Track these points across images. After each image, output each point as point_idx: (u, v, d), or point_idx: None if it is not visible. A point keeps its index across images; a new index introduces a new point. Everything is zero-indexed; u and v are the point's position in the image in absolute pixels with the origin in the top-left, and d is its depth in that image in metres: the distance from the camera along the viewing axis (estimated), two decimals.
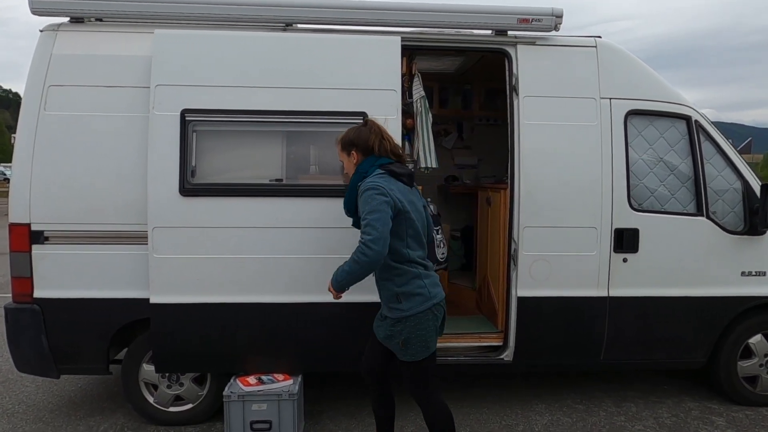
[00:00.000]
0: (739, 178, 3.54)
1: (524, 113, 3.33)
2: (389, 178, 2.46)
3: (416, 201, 2.56)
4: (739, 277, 3.51)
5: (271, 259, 3.12)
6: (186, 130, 3.06)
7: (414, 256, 2.47)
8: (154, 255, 3.06)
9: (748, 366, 3.65)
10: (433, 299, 2.46)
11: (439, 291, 2.52)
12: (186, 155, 3.06)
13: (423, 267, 2.51)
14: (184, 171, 3.05)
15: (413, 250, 2.48)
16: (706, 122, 3.55)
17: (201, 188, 3.09)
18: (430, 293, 2.46)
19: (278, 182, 3.15)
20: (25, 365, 3.25)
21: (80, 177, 3.10)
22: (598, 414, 3.61)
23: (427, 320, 2.45)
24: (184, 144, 3.05)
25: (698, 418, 3.56)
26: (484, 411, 3.63)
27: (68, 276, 3.13)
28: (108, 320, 3.18)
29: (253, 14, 3.23)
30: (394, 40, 3.22)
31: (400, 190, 2.45)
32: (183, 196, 3.06)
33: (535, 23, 3.32)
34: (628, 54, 3.51)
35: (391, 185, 2.42)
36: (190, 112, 3.07)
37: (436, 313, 2.49)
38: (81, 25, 3.25)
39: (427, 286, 2.47)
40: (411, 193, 2.54)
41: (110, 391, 3.89)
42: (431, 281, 2.51)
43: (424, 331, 2.44)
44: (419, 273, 2.47)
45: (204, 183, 3.10)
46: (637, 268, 3.41)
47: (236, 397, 3.05)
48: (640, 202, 3.43)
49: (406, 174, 2.52)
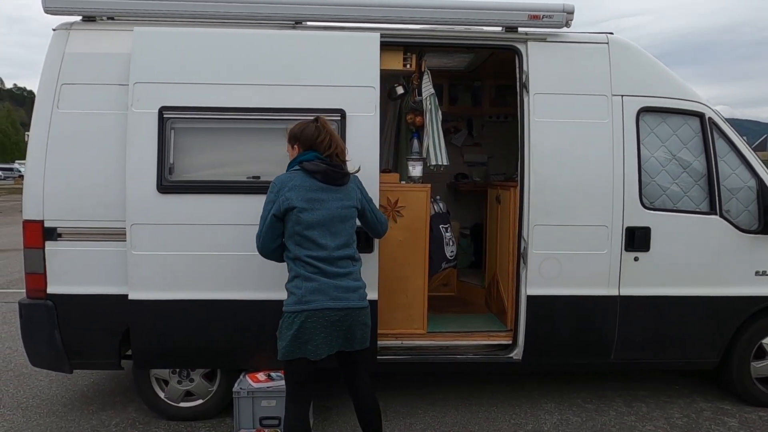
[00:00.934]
0: (754, 176, 3.48)
1: (535, 110, 3.31)
2: (299, 174, 2.47)
3: (329, 199, 2.46)
4: (753, 277, 3.46)
5: (248, 256, 3.06)
6: (164, 128, 3.06)
7: (301, 254, 2.42)
8: (133, 252, 3.07)
9: (761, 367, 3.60)
10: (303, 305, 2.37)
11: (320, 299, 2.37)
12: (164, 153, 3.06)
13: (313, 268, 2.41)
14: (161, 168, 3.06)
15: (305, 249, 2.42)
16: (720, 119, 3.50)
17: (178, 185, 3.09)
18: (302, 299, 2.38)
19: (256, 179, 3.13)
20: (39, 360, 3.30)
21: (93, 174, 3.13)
22: (608, 413, 3.59)
23: (292, 322, 2.37)
24: (161, 141, 3.05)
25: (710, 419, 3.52)
26: (493, 410, 3.62)
27: (81, 272, 3.16)
28: (120, 316, 3.21)
29: (266, 12, 3.22)
30: (372, 36, 3.20)
31: (307, 187, 2.43)
32: (161, 193, 3.06)
33: (545, 19, 3.29)
34: (640, 50, 3.47)
35: (296, 181, 2.43)
36: (168, 109, 3.06)
37: (306, 322, 2.36)
38: (93, 23, 3.27)
39: (303, 289, 2.39)
40: (325, 190, 2.46)
41: (122, 386, 3.94)
42: (315, 286, 2.39)
43: (286, 332, 2.39)
44: (301, 273, 2.41)
45: (181, 180, 3.10)
46: (648, 267, 3.37)
47: (246, 393, 3.07)
48: (651, 201, 3.39)
49: (320, 171, 2.45)
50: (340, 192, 2.50)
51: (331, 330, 2.41)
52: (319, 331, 2.39)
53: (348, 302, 2.43)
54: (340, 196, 2.50)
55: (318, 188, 2.45)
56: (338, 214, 2.47)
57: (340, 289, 2.42)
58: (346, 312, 2.42)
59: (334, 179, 2.48)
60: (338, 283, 2.43)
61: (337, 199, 2.48)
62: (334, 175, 2.48)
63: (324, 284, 2.40)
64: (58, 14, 3.24)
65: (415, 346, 3.50)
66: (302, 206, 2.40)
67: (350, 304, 2.44)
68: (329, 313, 2.39)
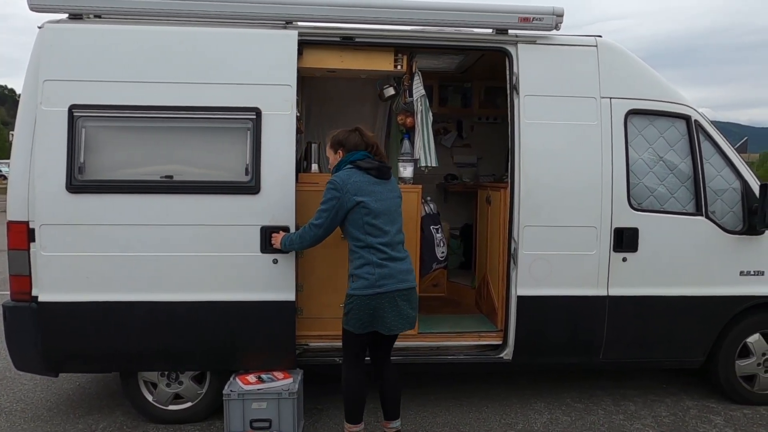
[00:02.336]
0: (738, 178, 3.54)
1: (524, 112, 3.33)
2: (355, 172, 2.77)
3: (384, 191, 2.80)
4: (738, 277, 3.52)
5: (162, 256, 3.06)
6: (74, 126, 2.99)
7: (373, 242, 2.73)
8: (42, 252, 3.00)
9: (746, 365, 3.66)
10: (377, 288, 2.70)
11: (390, 283, 2.71)
12: (73, 151, 2.99)
13: (384, 255, 2.72)
14: (71, 167, 2.98)
15: (373, 236, 2.73)
16: (706, 122, 3.56)
17: (89, 185, 3.02)
18: (376, 283, 2.70)
19: (168, 179, 3.07)
20: (23, 363, 3.23)
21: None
22: (597, 413, 3.62)
23: (366, 303, 2.70)
24: (71, 140, 2.98)
25: (697, 417, 3.57)
26: (484, 410, 3.63)
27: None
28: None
29: (256, 11, 3.20)
30: (290, 34, 3.18)
31: (365, 182, 2.74)
32: (70, 193, 2.99)
33: (535, 22, 3.31)
34: (628, 53, 3.51)
35: (354, 178, 2.74)
36: (78, 107, 2.99)
37: (378, 302, 2.70)
38: (80, 21, 3.22)
39: (377, 275, 2.70)
40: (379, 184, 2.79)
41: (109, 389, 3.88)
42: (385, 272, 2.71)
43: (358, 311, 2.72)
44: (372, 260, 2.71)
45: (92, 180, 3.02)
46: (636, 267, 3.42)
47: (236, 395, 3.05)
48: (639, 202, 3.44)
49: (374, 168, 2.79)
50: (388, 184, 2.85)
51: (400, 307, 2.75)
52: (390, 309, 2.72)
53: (410, 283, 2.80)
54: (389, 187, 2.85)
55: (373, 182, 2.78)
56: (392, 203, 2.84)
57: (403, 272, 2.78)
58: (409, 291, 2.79)
59: (384, 173, 2.83)
60: (401, 267, 2.78)
61: (388, 191, 2.83)
62: (384, 170, 2.84)
63: (393, 269, 2.74)
64: (44, 12, 3.18)
65: (406, 347, 3.50)
66: (368, 199, 2.72)
67: (411, 284, 2.81)
68: (398, 294, 2.74)
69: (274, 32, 3.19)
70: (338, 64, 3.46)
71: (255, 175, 3.08)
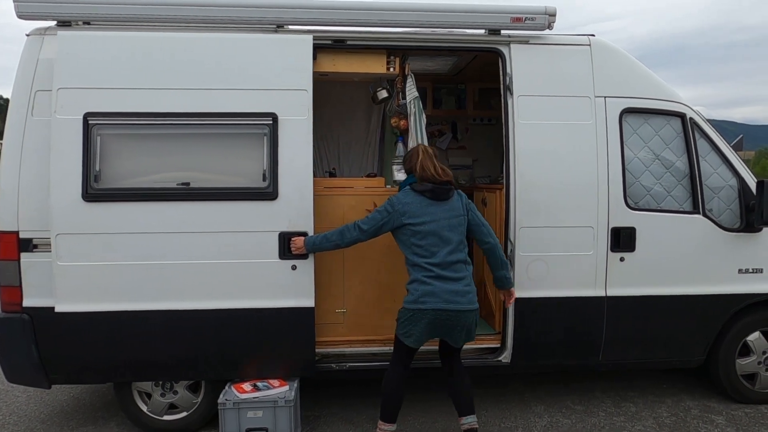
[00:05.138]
0: (735, 175, 3.53)
1: (519, 113, 3.31)
2: (410, 193, 2.90)
3: (438, 212, 2.86)
4: (736, 275, 3.49)
5: (179, 264, 3.03)
6: (89, 134, 2.96)
7: (420, 261, 2.82)
8: (58, 263, 2.96)
9: (746, 364, 3.63)
10: (419, 305, 2.79)
11: (433, 301, 2.78)
12: (89, 160, 2.95)
13: (429, 272, 2.80)
14: (87, 176, 2.95)
15: (422, 257, 2.82)
16: (701, 119, 3.54)
17: (105, 193, 2.98)
18: (418, 299, 2.79)
19: (185, 186, 3.05)
20: (16, 376, 3.19)
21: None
22: (598, 414, 3.59)
23: (410, 316, 2.82)
24: (87, 148, 2.95)
25: (698, 417, 3.54)
26: (483, 413, 3.59)
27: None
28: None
29: (245, 15, 3.18)
30: (305, 39, 3.16)
31: (418, 203, 2.86)
32: (86, 202, 2.96)
33: (528, 22, 3.30)
34: (622, 52, 3.49)
35: (407, 199, 2.87)
36: (93, 115, 2.96)
37: (421, 318, 2.79)
38: (68, 29, 3.19)
39: (423, 293, 2.79)
40: (434, 205, 2.87)
41: (104, 400, 3.83)
42: (428, 289, 2.79)
43: (405, 322, 2.86)
44: (419, 278, 2.82)
45: (108, 188, 2.99)
46: (634, 267, 3.39)
47: (231, 404, 3.00)
48: (636, 201, 3.41)
49: (427, 190, 2.88)
50: (445, 204, 2.90)
51: (437, 325, 2.82)
52: (426, 326, 2.81)
53: (457, 305, 2.80)
54: (446, 208, 2.89)
55: (428, 203, 2.87)
56: (447, 224, 2.86)
57: (451, 293, 2.79)
58: (455, 313, 2.80)
59: (438, 194, 2.88)
60: (450, 287, 2.80)
61: (443, 211, 2.88)
62: (439, 191, 2.89)
63: (438, 288, 2.79)
64: (32, 19, 3.15)
65: None
66: (415, 221, 2.83)
67: (459, 306, 2.80)
68: (440, 313, 2.78)
69: (290, 37, 3.18)
70: (330, 67, 3.43)
71: (272, 180, 3.06)
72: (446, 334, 2.87)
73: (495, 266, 3.04)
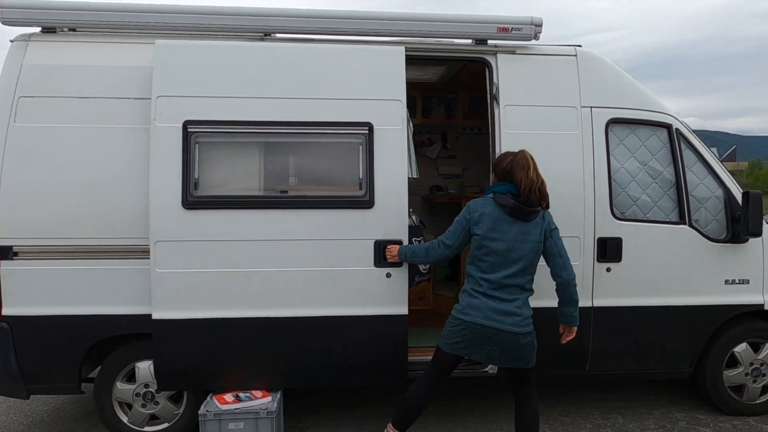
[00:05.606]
0: (721, 186, 3.53)
1: (505, 122, 3.31)
2: (491, 202, 2.71)
3: (513, 232, 2.66)
4: (723, 286, 3.48)
5: (276, 272, 3.06)
6: (188, 142, 3.00)
7: (475, 273, 2.72)
8: (156, 270, 2.98)
9: (733, 375, 3.62)
10: (463, 315, 2.70)
11: (475, 314, 2.67)
12: (188, 167, 2.99)
13: (479, 287, 2.69)
14: (186, 183, 2.99)
15: (479, 270, 2.71)
16: (687, 130, 3.55)
17: (204, 201, 3.01)
18: (464, 310, 2.71)
19: (284, 194, 3.10)
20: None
21: (51, 191, 3.01)
22: (585, 426, 3.56)
23: (452, 325, 2.74)
24: (186, 156, 2.99)
25: (685, 429, 3.52)
26: (469, 426, 3.56)
27: (38, 292, 3.03)
28: (80, 337, 3.07)
29: (232, 24, 3.18)
30: (398, 50, 3.21)
31: (495, 216, 2.67)
32: (186, 209, 2.99)
33: (514, 32, 3.31)
34: (608, 62, 3.50)
35: (487, 209, 2.69)
36: (193, 123, 3.01)
37: (464, 329, 2.69)
38: (53, 35, 3.18)
39: (467, 304, 2.71)
40: (510, 223, 2.67)
41: (85, 410, 3.77)
42: (475, 302, 2.68)
43: (450, 330, 2.76)
44: (468, 290, 2.73)
45: (207, 195, 3.03)
46: (620, 277, 3.38)
47: (212, 415, 2.96)
48: (622, 211, 3.41)
49: (507, 206, 2.66)
50: (524, 226, 2.68)
51: (482, 342, 2.68)
52: (471, 340, 2.69)
53: (500, 324, 2.65)
54: (523, 230, 2.68)
55: (504, 219, 2.67)
56: (517, 247, 2.66)
57: (495, 311, 2.66)
58: (496, 332, 2.65)
59: (517, 213, 2.66)
60: (496, 306, 2.66)
61: (520, 232, 2.67)
62: (521, 212, 2.66)
63: (482, 303, 2.67)
64: (17, 26, 3.15)
65: None
66: (486, 234, 2.67)
67: (501, 326, 2.65)
68: (480, 329, 2.66)
69: (384, 48, 3.22)
70: None
71: (369, 189, 3.08)
72: (485, 352, 2.69)
73: (562, 302, 2.83)
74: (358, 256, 3.10)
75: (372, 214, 3.09)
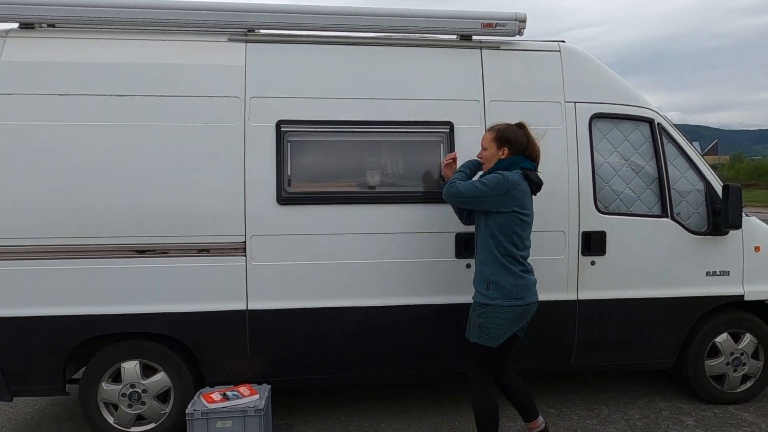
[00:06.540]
0: (702, 180, 3.59)
1: (490, 118, 3.32)
2: (523, 179, 2.75)
3: (532, 207, 2.80)
4: (704, 277, 3.55)
5: (368, 263, 3.21)
6: (281, 141, 3.13)
7: (516, 254, 2.74)
8: (252, 263, 3.12)
9: (715, 365, 3.69)
10: (517, 300, 2.71)
11: (528, 295, 2.75)
12: (282, 165, 3.13)
13: (523, 267, 2.76)
14: (280, 180, 3.11)
15: (518, 249, 2.74)
16: (669, 124, 3.60)
17: (297, 197, 3.15)
18: (517, 294, 2.72)
19: (372, 190, 3.23)
20: None
21: (30, 190, 2.96)
22: (571, 418, 3.60)
23: (505, 314, 2.71)
24: (279, 154, 3.12)
25: (668, 418, 3.58)
26: (457, 419, 3.58)
27: (20, 293, 2.99)
28: (64, 338, 3.04)
29: (212, 19, 3.16)
30: (474, 52, 3.33)
31: (526, 193, 2.75)
32: (280, 205, 3.11)
33: (499, 28, 3.32)
34: (591, 58, 3.54)
35: (523, 187, 2.74)
36: (285, 123, 3.14)
37: (518, 314, 2.73)
38: (32, 31, 3.12)
39: (518, 287, 2.72)
40: (531, 200, 2.79)
41: (70, 411, 3.73)
42: (524, 283, 2.74)
43: (499, 322, 2.72)
44: (514, 271, 2.73)
45: (300, 192, 3.17)
46: (605, 270, 3.42)
47: (200, 414, 2.94)
48: (606, 205, 3.45)
49: (537, 183, 2.79)
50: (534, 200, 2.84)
51: (523, 318, 2.78)
52: (517, 318, 2.74)
53: (538, 295, 2.83)
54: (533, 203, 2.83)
55: (530, 196, 2.79)
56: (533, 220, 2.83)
57: (535, 284, 2.82)
58: (536, 304, 2.82)
59: (537, 190, 2.83)
60: (535, 278, 2.82)
61: (533, 206, 2.83)
62: (540, 188, 2.84)
63: (530, 281, 2.78)
64: None
65: None
66: (524, 210, 2.74)
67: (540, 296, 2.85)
68: (533, 306, 2.80)
69: (463, 51, 3.35)
70: None
71: None
72: (519, 326, 2.80)
73: None
74: (440, 247, 3.26)
75: (448, 207, 3.14)
